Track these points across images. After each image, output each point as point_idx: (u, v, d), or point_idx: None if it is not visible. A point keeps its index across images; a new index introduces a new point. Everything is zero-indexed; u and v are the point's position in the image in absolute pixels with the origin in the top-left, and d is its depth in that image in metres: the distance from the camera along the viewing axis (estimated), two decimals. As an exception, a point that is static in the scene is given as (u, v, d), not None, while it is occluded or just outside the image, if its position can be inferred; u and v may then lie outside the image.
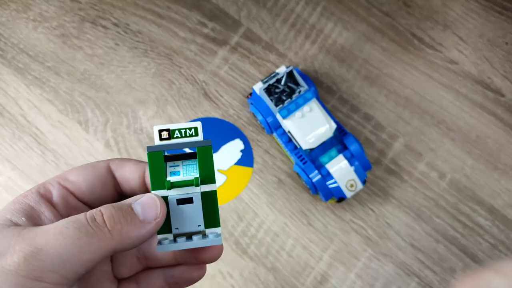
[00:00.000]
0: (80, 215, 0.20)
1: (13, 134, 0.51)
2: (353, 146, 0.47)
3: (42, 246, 0.18)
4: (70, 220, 0.19)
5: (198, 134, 0.22)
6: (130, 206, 0.21)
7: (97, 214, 0.20)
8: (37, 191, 0.22)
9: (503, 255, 0.49)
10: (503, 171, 0.50)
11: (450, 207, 0.50)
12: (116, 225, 0.20)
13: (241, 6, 0.54)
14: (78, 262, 0.18)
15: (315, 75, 0.53)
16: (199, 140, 0.22)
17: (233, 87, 0.52)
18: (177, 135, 0.22)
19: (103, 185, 0.23)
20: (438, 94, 0.52)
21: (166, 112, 0.52)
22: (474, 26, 0.54)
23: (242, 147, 0.51)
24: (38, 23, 0.54)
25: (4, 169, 0.50)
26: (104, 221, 0.20)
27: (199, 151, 0.22)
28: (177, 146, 0.22)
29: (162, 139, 0.22)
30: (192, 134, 0.22)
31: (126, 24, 0.54)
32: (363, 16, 0.54)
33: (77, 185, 0.23)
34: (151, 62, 0.53)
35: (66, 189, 0.23)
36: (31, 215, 0.21)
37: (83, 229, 0.19)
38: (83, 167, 0.23)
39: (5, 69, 0.53)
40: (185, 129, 0.22)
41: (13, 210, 0.21)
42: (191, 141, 0.22)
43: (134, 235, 0.20)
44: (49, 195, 0.22)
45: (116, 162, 0.24)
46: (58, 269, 0.18)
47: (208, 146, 0.22)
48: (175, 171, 0.23)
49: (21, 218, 0.21)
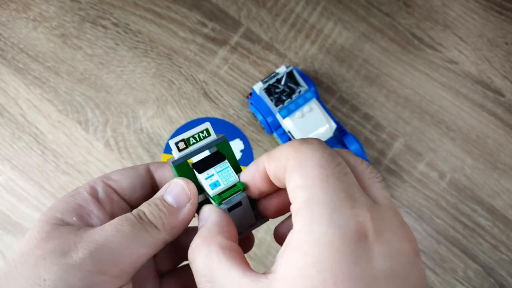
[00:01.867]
0: (129, 214, 0.21)
1: (13, 134, 0.51)
2: (353, 146, 0.47)
3: (103, 242, 0.20)
4: (124, 219, 0.21)
5: (211, 134, 0.23)
6: (163, 198, 0.22)
7: (141, 212, 0.21)
8: (84, 190, 0.23)
9: (504, 256, 0.49)
10: (503, 171, 0.50)
11: (450, 207, 0.50)
12: (158, 220, 0.21)
13: (241, 6, 0.54)
14: (135, 255, 0.20)
15: (315, 75, 0.53)
16: (213, 138, 0.23)
17: (233, 87, 0.52)
18: (193, 141, 0.23)
19: (143, 185, 0.25)
20: (438, 94, 0.52)
21: (166, 112, 0.52)
22: (474, 26, 0.54)
23: (242, 147, 0.51)
24: (38, 23, 0.54)
25: (4, 168, 0.50)
26: (148, 218, 0.21)
27: (220, 148, 0.23)
28: (197, 151, 0.23)
29: (181, 150, 0.23)
30: (205, 135, 0.23)
31: (126, 24, 0.54)
32: (363, 16, 0.54)
33: (119, 184, 0.24)
34: (151, 62, 0.53)
35: (110, 187, 0.24)
36: (81, 214, 0.22)
37: (136, 226, 0.21)
38: (124, 168, 0.25)
39: (5, 69, 0.53)
40: (198, 133, 0.23)
41: (63, 209, 0.22)
42: (208, 142, 0.23)
43: (177, 223, 0.22)
44: (95, 192, 0.23)
45: (155, 165, 0.25)
46: (118, 262, 0.20)
47: (225, 141, 0.24)
48: (214, 182, 0.23)
49: (72, 218, 0.22)
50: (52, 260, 0.19)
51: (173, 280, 0.26)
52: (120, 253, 0.20)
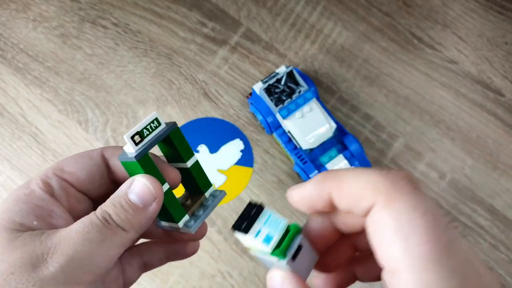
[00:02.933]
0: (94, 218, 0.20)
1: (12, 134, 0.51)
2: (353, 146, 0.47)
3: (72, 253, 0.19)
4: (89, 224, 0.20)
5: (161, 123, 0.23)
6: (128, 198, 0.21)
7: (106, 215, 0.20)
8: (38, 187, 0.22)
9: (503, 255, 0.49)
10: (503, 171, 0.50)
11: (450, 207, 0.50)
12: (125, 222, 0.21)
13: (241, 6, 0.54)
14: (106, 259, 0.20)
15: (315, 75, 0.53)
16: (164, 127, 0.23)
17: (233, 87, 0.52)
18: (147, 133, 0.22)
19: (101, 174, 0.23)
20: (438, 94, 0.52)
21: (166, 112, 0.52)
22: (473, 26, 0.54)
23: (242, 147, 0.51)
24: (38, 23, 0.54)
25: (4, 168, 0.50)
26: (115, 221, 0.20)
27: (172, 135, 0.23)
28: (154, 142, 0.22)
29: (137, 144, 0.22)
30: (156, 125, 0.23)
31: (126, 24, 0.54)
32: (363, 16, 0.54)
33: (75, 176, 0.23)
34: (151, 62, 0.53)
35: (65, 181, 0.23)
36: (41, 216, 0.21)
37: (103, 231, 0.20)
38: (79, 156, 0.23)
39: (5, 69, 0.53)
40: (149, 124, 0.22)
41: (20, 212, 0.20)
42: (160, 131, 0.23)
43: (144, 221, 0.21)
44: (50, 189, 0.22)
45: (109, 151, 0.24)
46: (91, 269, 0.19)
47: (176, 129, 0.23)
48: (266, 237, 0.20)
49: (33, 221, 0.20)
50: (22, 274, 0.18)
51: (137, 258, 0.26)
52: (91, 260, 0.19)
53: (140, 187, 0.21)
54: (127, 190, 0.21)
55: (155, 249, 0.26)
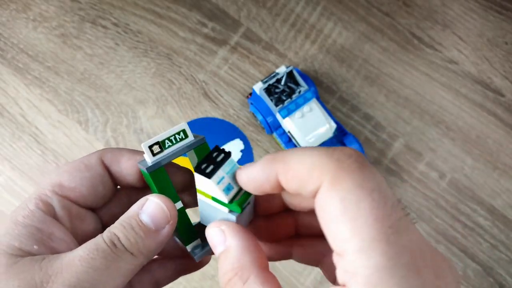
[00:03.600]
0: (100, 241, 0.19)
1: (12, 134, 0.51)
2: (353, 146, 0.47)
3: (74, 282, 0.18)
4: (94, 249, 0.18)
5: (188, 135, 0.21)
6: (139, 220, 0.19)
7: (114, 238, 0.19)
8: (37, 207, 0.20)
9: (503, 255, 0.49)
10: (503, 171, 0.50)
11: (450, 207, 0.50)
12: (134, 246, 0.19)
13: (241, 6, 0.54)
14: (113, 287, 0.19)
15: (315, 75, 0.53)
16: (191, 140, 0.21)
17: (233, 87, 0.52)
18: (169, 144, 0.20)
19: (104, 184, 0.22)
20: (438, 94, 0.52)
21: (166, 112, 0.52)
22: (473, 26, 0.54)
23: (242, 147, 0.51)
24: (38, 23, 0.54)
25: (4, 168, 0.50)
26: (123, 245, 0.19)
27: (197, 152, 0.21)
28: (173, 155, 0.20)
29: (155, 154, 0.20)
30: (182, 137, 0.21)
31: (126, 24, 0.54)
32: (362, 16, 0.54)
33: (78, 192, 0.21)
34: (151, 62, 0.53)
35: (67, 198, 0.21)
36: (41, 240, 0.19)
37: (109, 257, 0.18)
38: (75, 168, 0.21)
39: (5, 69, 0.53)
40: (174, 135, 0.20)
41: (19, 236, 0.19)
42: (185, 145, 0.21)
43: (154, 246, 0.20)
44: (51, 209, 0.20)
45: (109, 157, 0.22)
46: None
47: (204, 144, 0.21)
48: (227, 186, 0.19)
49: (33, 246, 0.19)
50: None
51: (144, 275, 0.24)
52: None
53: (153, 208, 0.20)
54: (139, 211, 0.20)
55: (168, 266, 0.24)
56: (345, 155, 0.16)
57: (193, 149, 0.21)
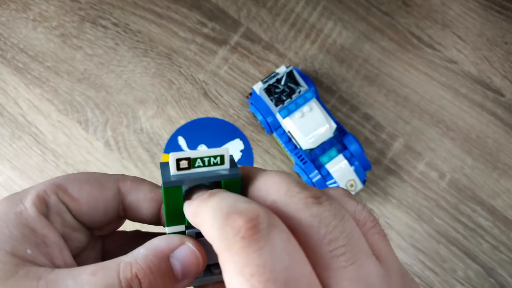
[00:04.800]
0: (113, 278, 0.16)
1: (12, 134, 0.51)
2: (353, 146, 0.47)
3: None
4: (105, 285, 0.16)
5: (224, 163, 0.18)
6: (169, 262, 0.17)
7: (134, 282, 0.16)
8: (33, 204, 0.18)
9: (504, 256, 0.49)
10: (503, 171, 0.50)
11: (450, 207, 0.50)
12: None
13: (241, 6, 0.54)
14: None
15: (315, 75, 0.53)
16: (225, 170, 0.18)
17: (233, 87, 0.52)
18: (199, 164, 0.18)
19: (106, 210, 0.20)
20: (438, 94, 0.52)
21: (166, 112, 0.52)
22: (473, 26, 0.54)
23: (242, 147, 0.51)
24: (38, 23, 0.54)
25: (4, 168, 0.50)
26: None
27: (226, 185, 0.18)
28: (199, 179, 0.18)
29: (180, 169, 0.18)
30: (217, 162, 0.18)
31: (126, 24, 0.54)
32: (362, 15, 0.54)
33: (78, 204, 0.19)
34: (151, 62, 0.53)
35: (65, 205, 0.19)
36: (35, 242, 0.17)
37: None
38: (88, 182, 0.19)
39: (5, 69, 0.53)
40: (209, 157, 0.18)
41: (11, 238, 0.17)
42: (216, 173, 0.18)
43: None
44: (46, 209, 0.18)
45: (128, 184, 0.20)
46: None
47: (236, 180, 0.18)
48: None
49: (27, 250, 0.17)
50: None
51: None
52: None
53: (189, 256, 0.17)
54: (169, 253, 0.17)
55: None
56: (233, 230, 0.14)
57: (222, 181, 0.18)
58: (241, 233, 0.14)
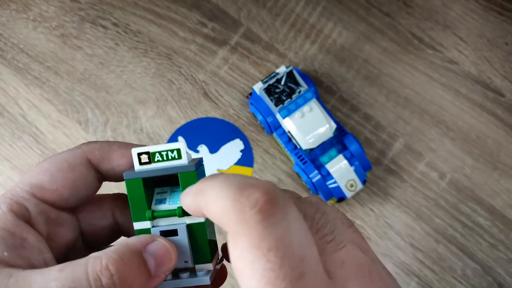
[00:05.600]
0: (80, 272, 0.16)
1: (12, 134, 0.51)
2: (353, 146, 0.47)
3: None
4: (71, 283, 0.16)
5: (182, 157, 0.19)
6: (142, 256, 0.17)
7: (104, 273, 0.16)
8: (10, 209, 0.18)
9: (503, 255, 0.49)
10: (503, 171, 0.50)
11: (450, 207, 0.50)
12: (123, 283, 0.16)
13: (241, 6, 0.54)
14: None
15: (315, 75, 0.53)
16: (182, 164, 0.19)
17: (233, 87, 0.52)
18: (158, 159, 0.19)
19: (86, 183, 0.20)
20: (438, 94, 0.52)
21: (166, 112, 0.52)
22: (474, 26, 0.54)
23: (242, 147, 0.51)
24: (38, 23, 0.54)
25: (4, 168, 0.50)
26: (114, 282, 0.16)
27: (182, 177, 0.19)
28: (157, 171, 0.19)
29: (142, 164, 0.19)
30: (174, 156, 0.19)
31: (126, 24, 0.54)
32: (363, 16, 0.54)
33: (58, 194, 0.19)
34: (151, 62, 0.53)
35: (46, 202, 0.19)
36: (12, 245, 0.17)
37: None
38: (57, 168, 0.19)
39: (5, 69, 0.53)
40: (166, 151, 0.19)
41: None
42: (174, 166, 0.19)
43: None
44: (26, 213, 0.18)
45: (96, 154, 0.20)
46: None
47: (192, 172, 0.19)
48: (162, 199, 0.20)
49: (3, 252, 0.17)
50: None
51: None
52: None
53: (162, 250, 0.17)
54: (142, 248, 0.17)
55: None
56: (250, 203, 0.14)
57: (178, 173, 0.19)
58: (259, 205, 0.14)
